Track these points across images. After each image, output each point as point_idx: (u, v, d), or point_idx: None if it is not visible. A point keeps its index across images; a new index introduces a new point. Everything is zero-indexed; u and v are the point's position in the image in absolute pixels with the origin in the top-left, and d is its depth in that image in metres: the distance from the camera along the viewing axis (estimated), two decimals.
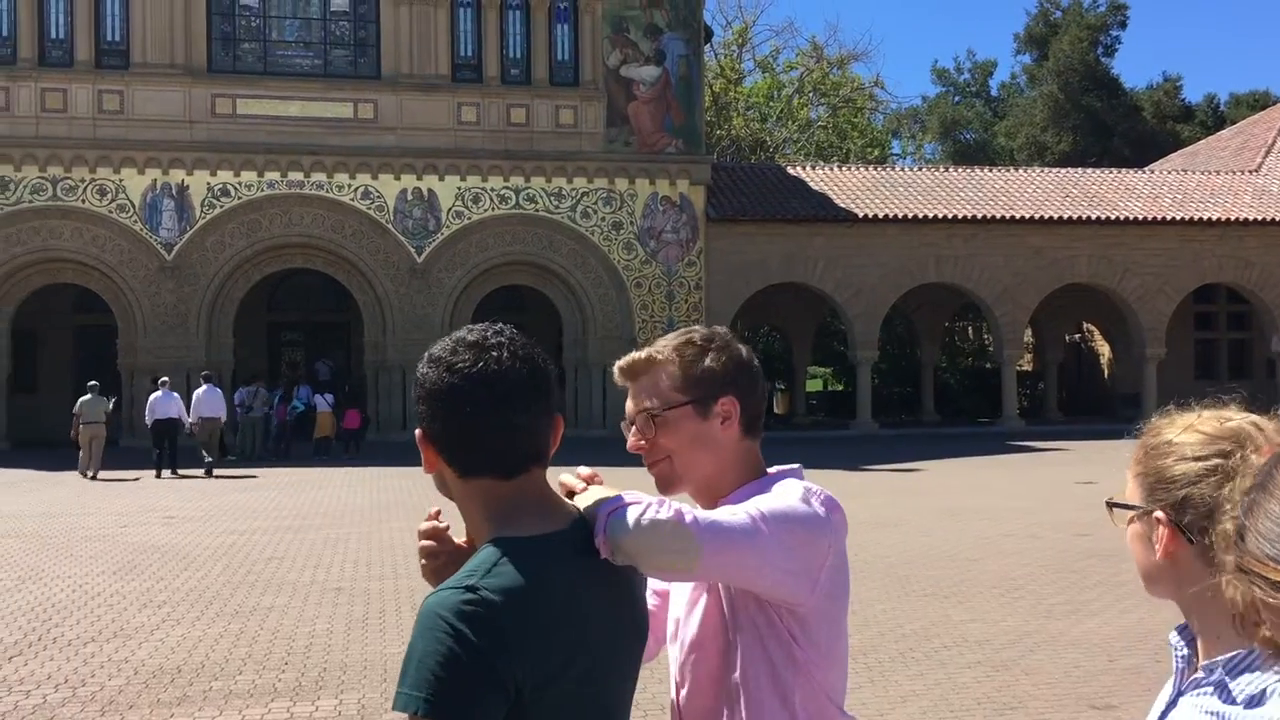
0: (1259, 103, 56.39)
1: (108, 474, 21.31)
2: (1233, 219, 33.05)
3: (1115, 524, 1.58)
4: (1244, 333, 37.34)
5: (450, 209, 29.33)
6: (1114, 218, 32.66)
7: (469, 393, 1.73)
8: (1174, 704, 1.48)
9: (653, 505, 1.78)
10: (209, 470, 21.63)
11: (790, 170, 34.85)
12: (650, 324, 29.51)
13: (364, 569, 11.17)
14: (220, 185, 28.27)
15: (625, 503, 1.79)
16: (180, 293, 28.09)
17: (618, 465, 4.46)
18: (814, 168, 35.85)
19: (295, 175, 28.55)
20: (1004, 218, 32.16)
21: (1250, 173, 35.94)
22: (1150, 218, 32.79)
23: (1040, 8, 62.18)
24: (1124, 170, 38.22)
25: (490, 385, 1.73)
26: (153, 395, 22.66)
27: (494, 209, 29.55)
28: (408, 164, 28.97)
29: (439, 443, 1.77)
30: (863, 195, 32.51)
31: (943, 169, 37.48)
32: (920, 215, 31.72)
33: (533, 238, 29.82)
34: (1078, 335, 42.09)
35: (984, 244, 32.30)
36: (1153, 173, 37.47)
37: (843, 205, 31.84)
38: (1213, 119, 59.41)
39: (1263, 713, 1.31)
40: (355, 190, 28.91)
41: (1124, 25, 60.31)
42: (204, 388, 22.79)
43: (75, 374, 30.13)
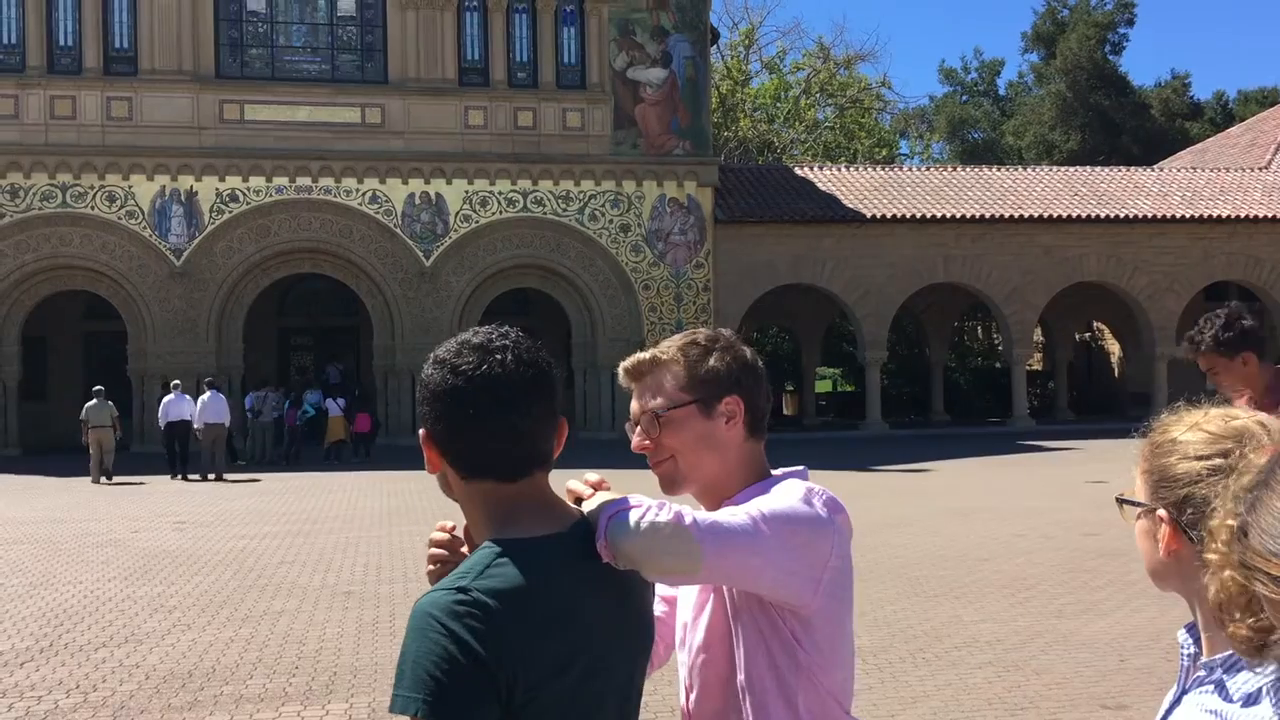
0: (1268, 99, 56.24)
1: (119, 478, 21.45)
2: (1242, 216, 32.94)
3: (1125, 520, 1.59)
4: None
5: (458, 213, 29.37)
6: (1123, 216, 32.58)
7: (472, 395, 1.73)
8: (1178, 702, 1.50)
9: (652, 508, 1.78)
10: (218, 475, 21.93)
11: (798, 171, 34.83)
12: (659, 326, 29.49)
13: (374, 573, 11.18)
14: (229, 191, 28.34)
15: (626, 506, 1.78)
16: (190, 298, 28.17)
17: (626, 468, 4.45)
18: (822, 168, 35.79)
19: (304, 180, 28.61)
20: (1013, 217, 32.09)
21: (1260, 170, 35.84)
22: (1159, 216, 32.70)
23: (1048, 6, 62.03)
24: (1133, 168, 38.13)
25: (493, 388, 1.73)
26: (165, 398, 23.17)
27: (502, 212, 29.57)
28: (415, 168, 29.02)
29: (442, 444, 1.77)
30: (871, 195, 32.46)
31: (951, 168, 37.41)
32: (929, 215, 31.67)
33: (540, 241, 29.84)
34: (1087, 334, 42.02)
35: (993, 243, 32.24)
36: (1162, 171, 37.38)
37: (851, 206, 31.81)
38: (1221, 116, 59.25)
39: (1257, 711, 1.33)
40: (363, 195, 28.96)
41: (1132, 23, 60.19)
42: (208, 394, 22.90)
43: (85, 380, 30.12)
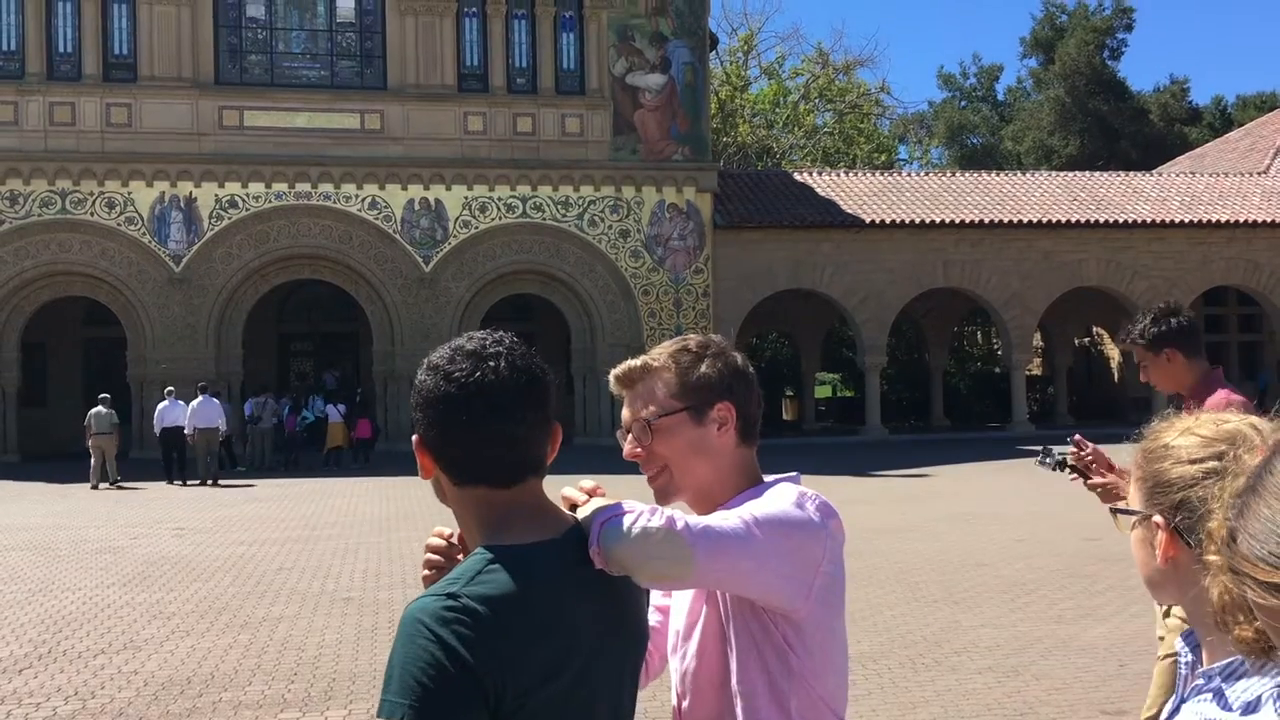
0: (1266, 104, 56.24)
1: (117, 484, 21.51)
2: (1241, 221, 32.97)
3: (1120, 530, 1.57)
4: (1254, 335, 37.22)
5: (457, 218, 29.37)
6: (1122, 221, 32.59)
7: (465, 402, 1.73)
8: (1177, 710, 1.48)
9: (644, 514, 1.78)
10: (213, 480, 22.02)
11: (797, 176, 34.82)
12: (658, 331, 29.45)
13: (373, 579, 11.17)
14: (228, 197, 28.35)
15: (619, 512, 1.78)
16: (189, 304, 28.16)
17: (624, 474, 4.44)
18: (821, 174, 35.80)
19: (303, 186, 28.62)
20: (1012, 222, 32.10)
21: (1259, 174, 35.85)
22: (1158, 220, 32.71)
23: (1046, 11, 62.11)
24: (1132, 173, 38.13)
25: (486, 395, 1.73)
26: (160, 405, 23.24)
27: (501, 218, 29.58)
28: (415, 174, 29.02)
29: (435, 450, 1.77)
30: (870, 201, 32.46)
31: (950, 174, 37.43)
32: (928, 220, 31.67)
33: (540, 246, 29.84)
34: (1087, 339, 42.00)
35: (992, 248, 32.24)
36: (1160, 175, 37.40)
37: (850, 211, 31.81)
38: (1220, 121, 59.27)
39: (1257, 719, 1.31)
40: (362, 201, 28.97)
41: (1130, 28, 60.21)
42: (200, 399, 22.84)
43: (84, 386, 30.21)
